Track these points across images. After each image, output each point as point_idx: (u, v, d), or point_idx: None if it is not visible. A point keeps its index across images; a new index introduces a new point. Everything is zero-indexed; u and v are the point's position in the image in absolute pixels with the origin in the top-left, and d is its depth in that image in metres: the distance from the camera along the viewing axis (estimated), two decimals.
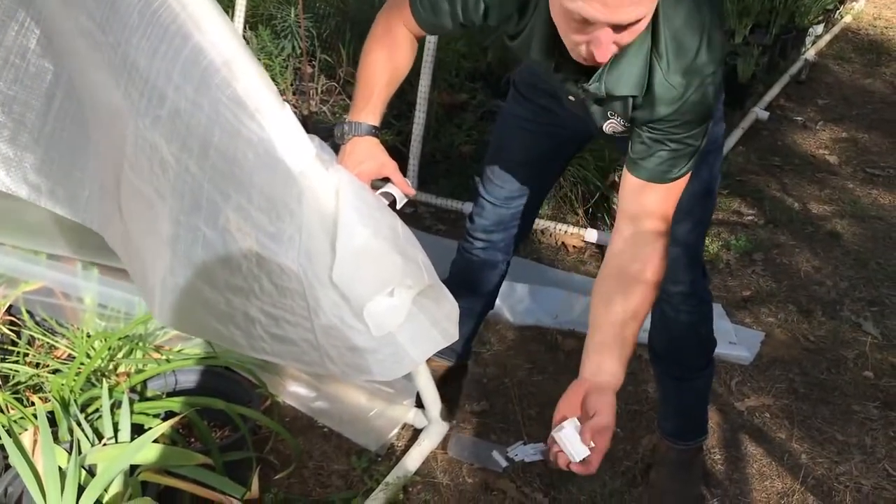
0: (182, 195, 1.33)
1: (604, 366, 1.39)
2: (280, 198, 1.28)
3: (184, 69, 1.23)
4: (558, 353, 2.59)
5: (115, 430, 1.73)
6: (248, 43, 4.11)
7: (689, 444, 2.11)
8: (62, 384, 1.84)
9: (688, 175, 1.50)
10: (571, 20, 1.30)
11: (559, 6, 1.30)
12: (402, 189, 1.60)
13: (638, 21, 1.27)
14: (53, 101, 1.55)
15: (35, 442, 1.66)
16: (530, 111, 1.89)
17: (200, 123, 1.25)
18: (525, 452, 2.21)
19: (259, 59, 4.14)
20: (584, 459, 1.31)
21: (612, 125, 1.55)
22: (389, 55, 1.63)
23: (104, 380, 1.85)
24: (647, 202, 1.49)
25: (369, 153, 1.59)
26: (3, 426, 1.69)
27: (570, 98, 1.58)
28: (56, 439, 1.72)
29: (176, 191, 1.33)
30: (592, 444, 1.31)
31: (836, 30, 5.63)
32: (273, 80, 3.90)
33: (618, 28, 1.28)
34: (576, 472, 1.32)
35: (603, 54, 1.31)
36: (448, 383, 2.39)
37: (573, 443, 1.31)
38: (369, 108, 1.61)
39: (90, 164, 1.58)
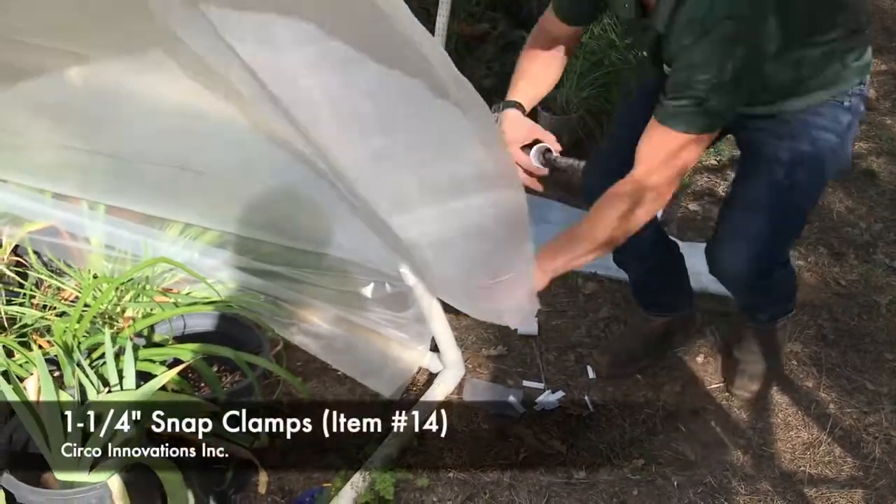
0: None
1: None
2: None
3: None
4: (578, 295, 2.52)
5: (120, 377, 1.68)
6: None
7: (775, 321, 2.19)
8: (65, 328, 1.80)
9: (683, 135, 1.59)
10: None
11: None
12: (552, 146, 1.84)
13: None
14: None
15: (39, 388, 1.63)
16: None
17: None
18: (546, 401, 2.17)
19: None
20: None
21: None
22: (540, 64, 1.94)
23: (107, 325, 1.80)
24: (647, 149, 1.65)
25: (512, 124, 1.86)
26: (6, 370, 1.66)
27: (644, 54, 1.71)
28: (62, 385, 1.69)
29: None
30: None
31: None
32: None
33: None
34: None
35: None
36: (465, 327, 2.33)
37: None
38: (514, 89, 1.90)
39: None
